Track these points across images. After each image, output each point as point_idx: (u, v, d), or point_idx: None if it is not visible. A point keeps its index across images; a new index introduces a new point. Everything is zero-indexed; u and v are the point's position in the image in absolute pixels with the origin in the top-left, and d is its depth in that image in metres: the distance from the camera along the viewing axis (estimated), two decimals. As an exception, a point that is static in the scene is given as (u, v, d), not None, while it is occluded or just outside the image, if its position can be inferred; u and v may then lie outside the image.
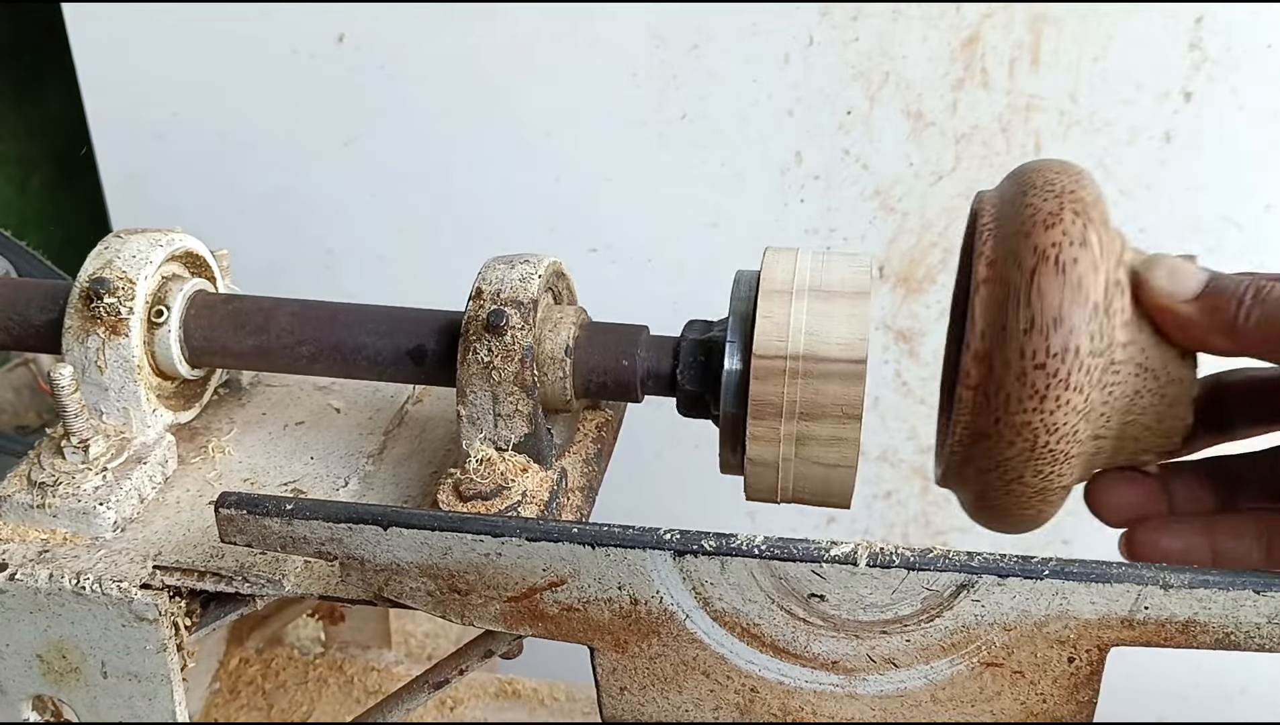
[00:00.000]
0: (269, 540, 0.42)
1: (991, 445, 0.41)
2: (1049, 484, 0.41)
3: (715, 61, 0.91)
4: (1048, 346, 0.39)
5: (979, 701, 0.41)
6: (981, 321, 0.40)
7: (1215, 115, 0.87)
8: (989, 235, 0.42)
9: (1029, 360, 0.39)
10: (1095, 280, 0.39)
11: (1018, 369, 0.39)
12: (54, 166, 1.21)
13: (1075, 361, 0.39)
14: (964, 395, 0.41)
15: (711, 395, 0.47)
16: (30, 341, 0.52)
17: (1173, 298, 0.41)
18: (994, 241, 0.41)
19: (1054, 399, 0.39)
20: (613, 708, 0.44)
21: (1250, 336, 0.40)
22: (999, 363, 0.40)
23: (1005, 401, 0.40)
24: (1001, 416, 0.40)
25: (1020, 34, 0.87)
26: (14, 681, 0.47)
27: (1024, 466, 0.41)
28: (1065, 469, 0.41)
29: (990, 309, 0.40)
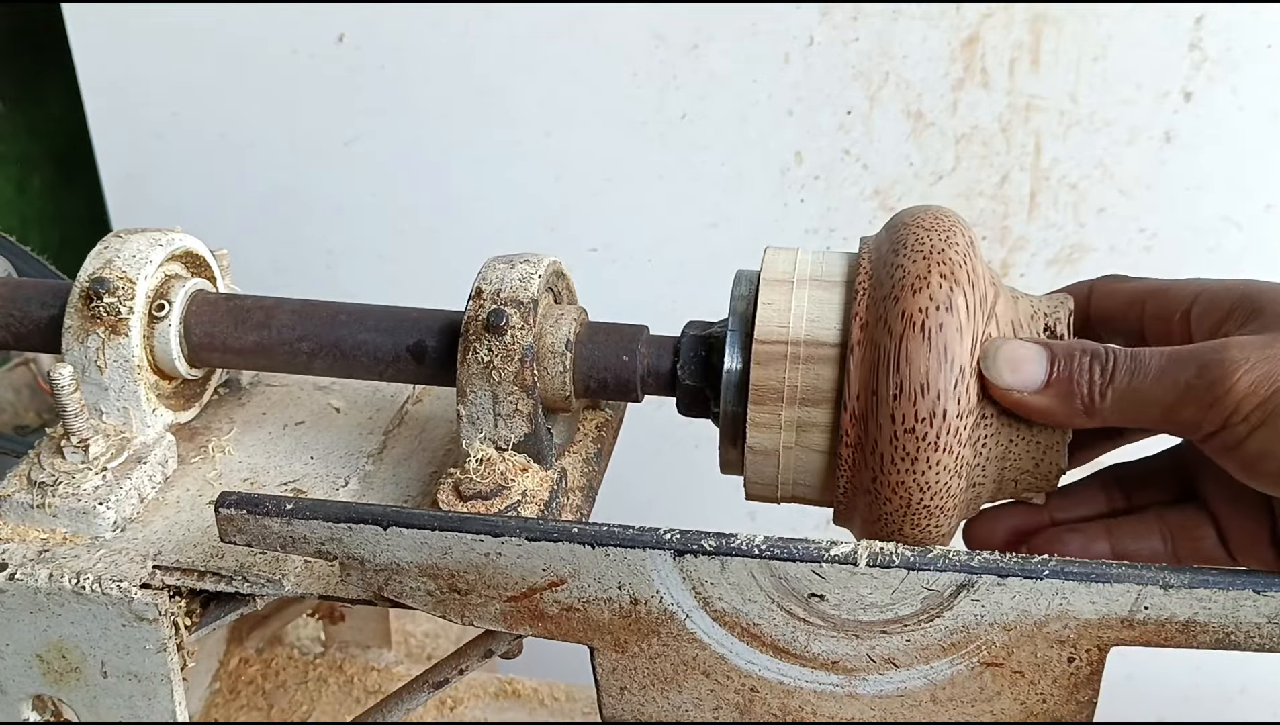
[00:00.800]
0: (269, 540, 0.42)
1: (871, 501, 0.42)
2: (927, 536, 0.43)
3: (715, 61, 0.91)
4: (916, 412, 0.40)
5: (979, 701, 0.41)
6: (856, 384, 0.42)
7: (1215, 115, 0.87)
8: (863, 295, 0.43)
9: (899, 424, 0.41)
10: (961, 345, 0.41)
11: (889, 433, 0.41)
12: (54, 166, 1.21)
13: (943, 424, 0.40)
14: (844, 453, 0.43)
15: (711, 394, 0.47)
16: (30, 341, 0.52)
17: (1022, 392, 0.41)
18: (867, 303, 0.43)
19: (925, 460, 0.41)
20: (613, 708, 0.44)
21: (1109, 414, 0.41)
22: (873, 425, 0.41)
23: (880, 461, 0.41)
24: (878, 475, 0.41)
25: (1020, 34, 0.87)
26: (14, 681, 0.47)
27: (902, 521, 0.42)
28: (942, 521, 0.42)
29: (863, 372, 0.42)
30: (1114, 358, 0.40)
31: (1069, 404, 0.41)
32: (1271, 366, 0.37)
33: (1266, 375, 0.37)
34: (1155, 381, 0.39)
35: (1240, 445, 0.38)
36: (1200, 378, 0.38)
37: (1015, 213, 0.93)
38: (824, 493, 0.45)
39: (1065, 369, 0.41)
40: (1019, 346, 0.41)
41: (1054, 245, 0.94)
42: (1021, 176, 0.92)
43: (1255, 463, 0.38)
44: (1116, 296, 0.46)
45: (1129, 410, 0.40)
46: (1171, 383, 0.39)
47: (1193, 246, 0.92)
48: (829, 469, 0.44)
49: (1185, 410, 0.39)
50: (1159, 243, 0.92)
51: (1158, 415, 0.40)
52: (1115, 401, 0.40)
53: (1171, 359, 0.40)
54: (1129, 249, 0.93)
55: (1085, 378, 0.41)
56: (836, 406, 0.43)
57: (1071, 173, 0.91)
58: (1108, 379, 0.40)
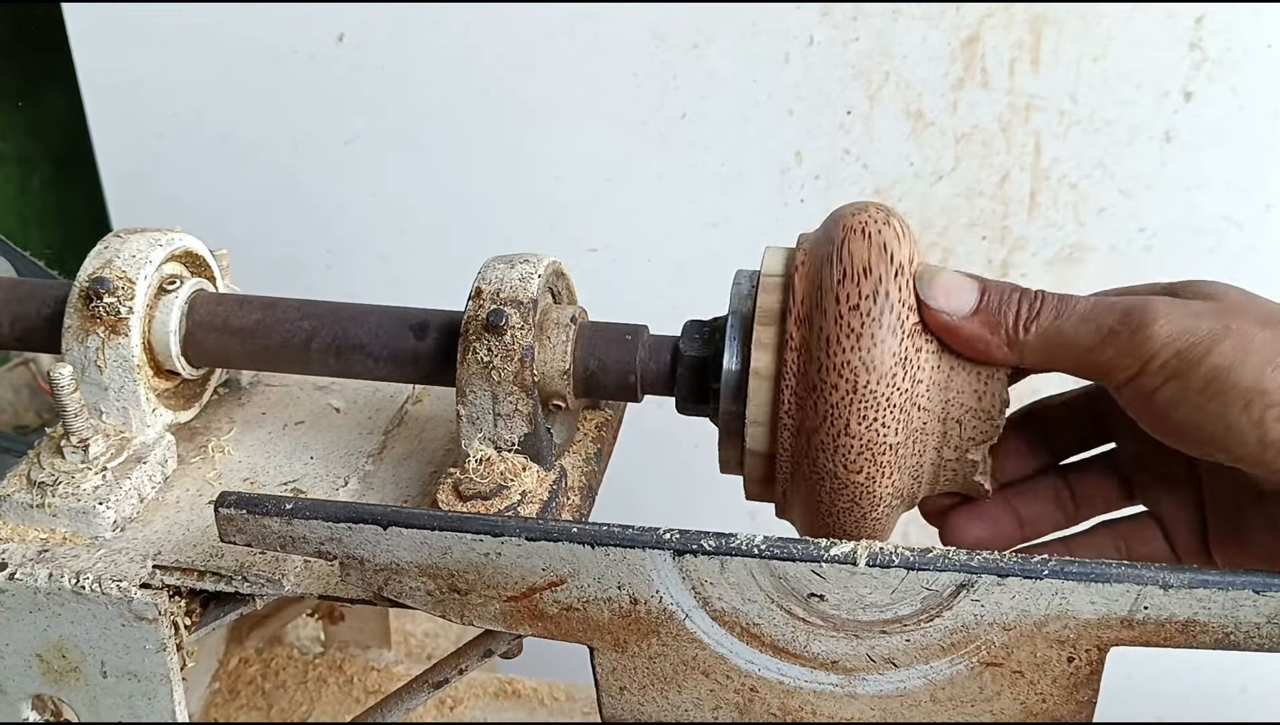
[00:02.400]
0: (269, 540, 0.42)
1: (817, 397, 0.42)
2: (874, 436, 0.42)
3: (715, 61, 0.91)
4: (860, 290, 0.42)
5: (978, 701, 0.41)
6: (800, 290, 0.43)
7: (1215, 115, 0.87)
8: (804, 241, 0.46)
9: (844, 304, 0.42)
10: (900, 248, 0.43)
11: (834, 313, 0.42)
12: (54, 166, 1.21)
13: (886, 304, 0.42)
14: (789, 358, 0.43)
15: (711, 394, 0.47)
16: (30, 341, 0.52)
17: (951, 315, 0.43)
18: (809, 241, 0.45)
19: (870, 337, 0.42)
20: (612, 707, 0.44)
21: (1030, 348, 0.42)
22: (817, 315, 0.42)
23: (825, 345, 0.42)
24: (824, 362, 0.42)
25: (1020, 34, 0.87)
26: (14, 681, 0.47)
27: (848, 412, 0.42)
28: (889, 420, 0.42)
29: (806, 281, 0.43)
30: (1042, 297, 0.42)
31: (994, 333, 0.42)
32: (1191, 322, 0.39)
33: (1185, 330, 0.39)
34: (1079, 322, 0.41)
35: (1151, 395, 0.40)
36: (1123, 323, 0.40)
37: (1015, 213, 0.93)
38: None
39: (994, 300, 0.43)
40: (953, 274, 0.43)
41: (1054, 245, 0.94)
42: (1021, 176, 0.92)
43: (1163, 414, 0.40)
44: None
45: (1051, 349, 0.42)
46: (1095, 326, 0.41)
47: (1193, 246, 0.92)
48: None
49: (1104, 353, 0.41)
50: (1159, 243, 0.92)
51: (1078, 356, 0.41)
52: (1039, 337, 0.42)
53: (1097, 305, 0.41)
54: (1129, 249, 0.93)
55: (1012, 311, 0.42)
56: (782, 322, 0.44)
57: (1071, 173, 0.91)
58: (1033, 315, 0.42)
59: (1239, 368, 0.38)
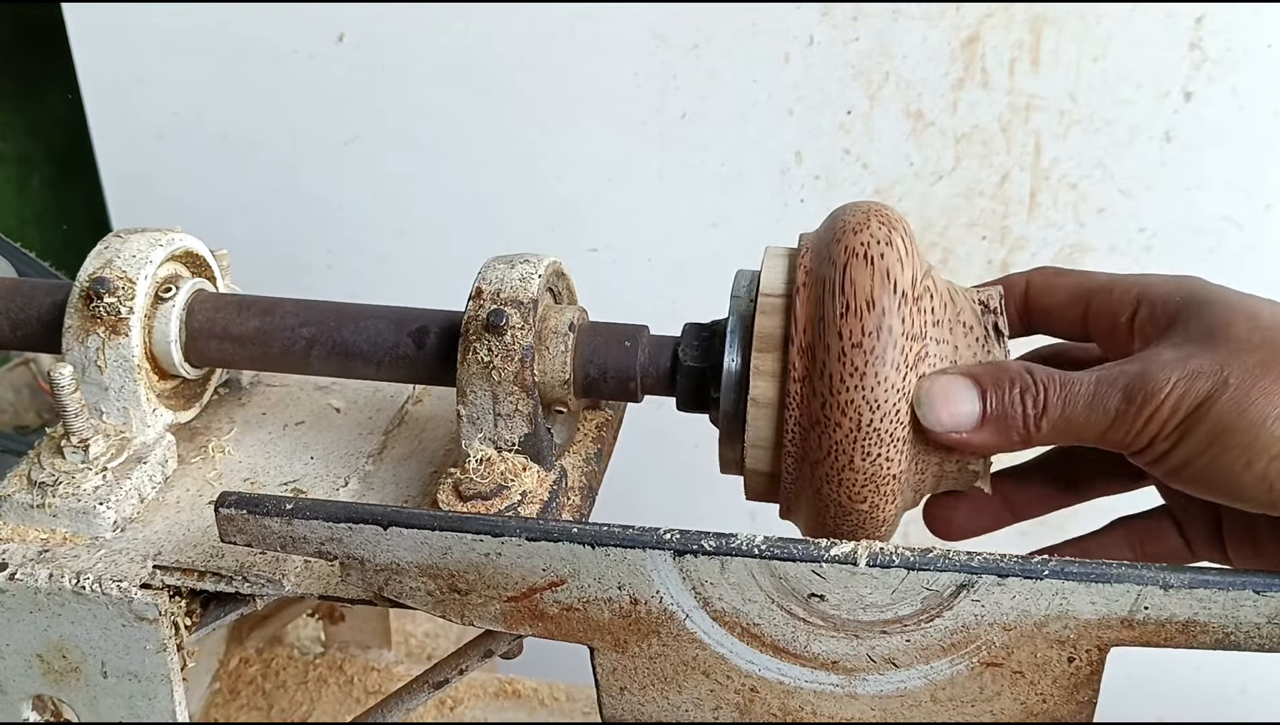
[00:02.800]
0: (269, 540, 0.42)
1: (821, 432, 0.42)
2: (878, 470, 0.42)
3: (715, 61, 0.91)
4: (863, 326, 0.41)
5: (979, 701, 0.41)
6: (802, 317, 0.43)
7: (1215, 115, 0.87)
8: (807, 251, 0.45)
9: (847, 340, 0.41)
10: (903, 273, 0.42)
11: (837, 350, 0.41)
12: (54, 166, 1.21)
13: (890, 339, 0.41)
14: (792, 389, 0.43)
15: (712, 393, 0.47)
16: (30, 341, 0.52)
17: (959, 432, 0.42)
18: (810, 254, 0.44)
19: (873, 376, 0.41)
20: (613, 708, 0.44)
21: (1045, 441, 0.42)
22: (820, 349, 0.42)
23: (829, 383, 0.42)
24: (827, 398, 0.42)
25: (1020, 34, 0.87)
26: (14, 681, 0.47)
27: (853, 449, 0.42)
28: (893, 453, 0.42)
29: (809, 306, 0.43)
30: (1044, 390, 0.42)
31: (1007, 437, 0.42)
32: (1190, 383, 0.39)
33: (1185, 393, 0.39)
34: (1086, 409, 0.41)
35: (1164, 458, 0.40)
36: (1127, 404, 0.40)
37: (1015, 213, 0.93)
38: None
39: (997, 406, 0.42)
40: (948, 383, 0.42)
41: (1054, 245, 0.94)
42: (1021, 176, 0.92)
43: (1178, 472, 0.40)
44: (1056, 292, 0.48)
45: (1064, 437, 0.42)
46: (1102, 410, 0.41)
47: (1193, 246, 0.92)
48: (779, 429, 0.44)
49: (1115, 433, 0.41)
50: (1159, 243, 0.92)
51: (1091, 439, 0.42)
52: (1050, 431, 0.42)
53: (1100, 384, 0.41)
54: (1129, 249, 0.93)
55: (1019, 412, 0.42)
56: (784, 350, 0.44)
57: (1071, 173, 0.91)
58: (1040, 411, 0.41)
59: (1238, 425, 0.38)
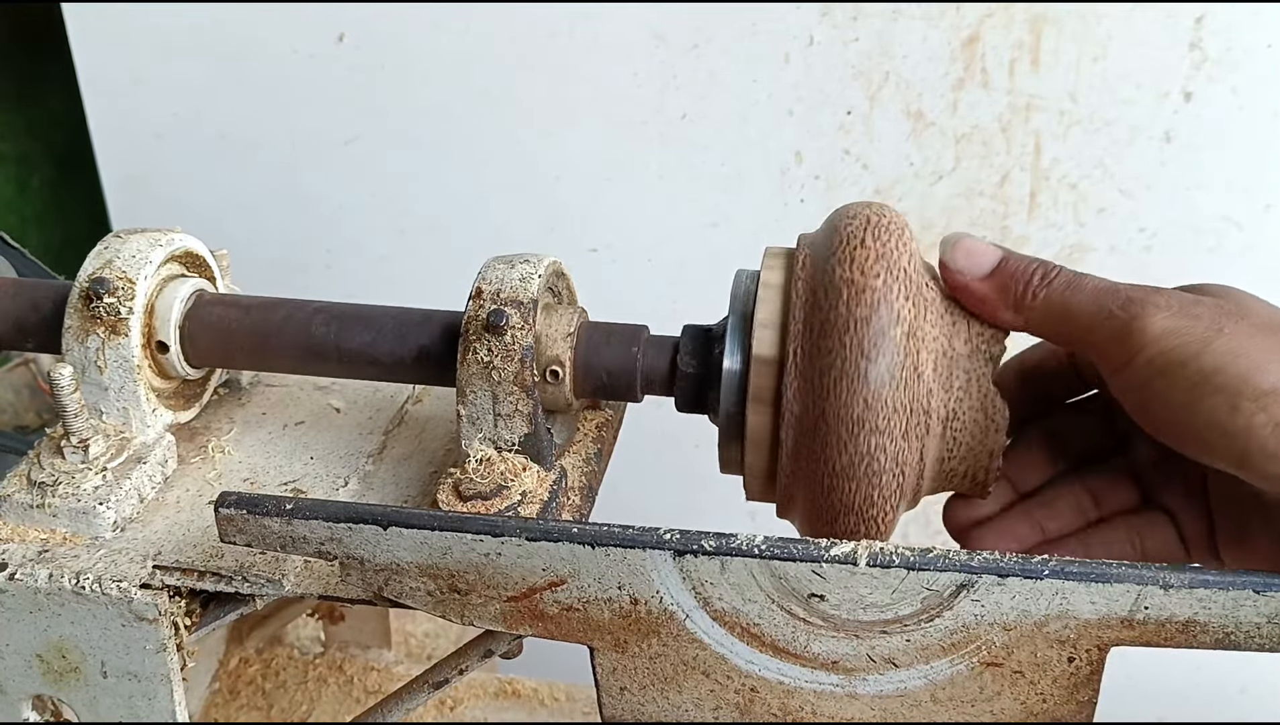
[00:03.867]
0: (269, 540, 0.42)
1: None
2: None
3: (715, 61, 0.91)
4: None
5: (979, 701, 0.41)
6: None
7: (1215, 115, 0.87)
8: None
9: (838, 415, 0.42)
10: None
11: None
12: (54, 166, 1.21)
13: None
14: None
15: (712, 394, 0.47)
16: (30, 341, 0.52)
17: (969, 275, 0.44)
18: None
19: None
20: (613, 708, 0.44)
21: (1034, 314, 0.43)
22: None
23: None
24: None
25: (1020, 34, 0.87)
26: (14, 681, 0.47)
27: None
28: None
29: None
30: (1059, 269, 0.43)
31: (1004, 296, 0.44)
32: (1187, 322, 0.40)
33: (1179, 328, 0.40)
34: (1085, 299, 0.42)
35: (1139, 388, 0.41)
36: (1123, 310, 0.41)
37: (1015, 213, 0.93)
38: None
39: (1012, 265, 0.44)
40: (979, 241, 0.45)
41: (1054, 245, 0.94)
42: (1021, 176, 0.92)
43: (1148, 407, 0.41)
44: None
45: (1054, 318, 0.43)
46: (1097, 306, 0.42)
47: (1193, 246, 0.92)
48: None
49: (1099, 334, 0.42)
50: (1159, 243, 0.92)
51: (1075, 333, 0.43)
52: (1044, 303, 0.43)
53: (1104, 287, 0.42)
54: (1129, 249, 0.93)
55: (1025, 276, 0.43)
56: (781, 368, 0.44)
57: (1071, 173, 0.91)
58: (1045, 283, 0.43)
59: (1227, 369, 0.38)
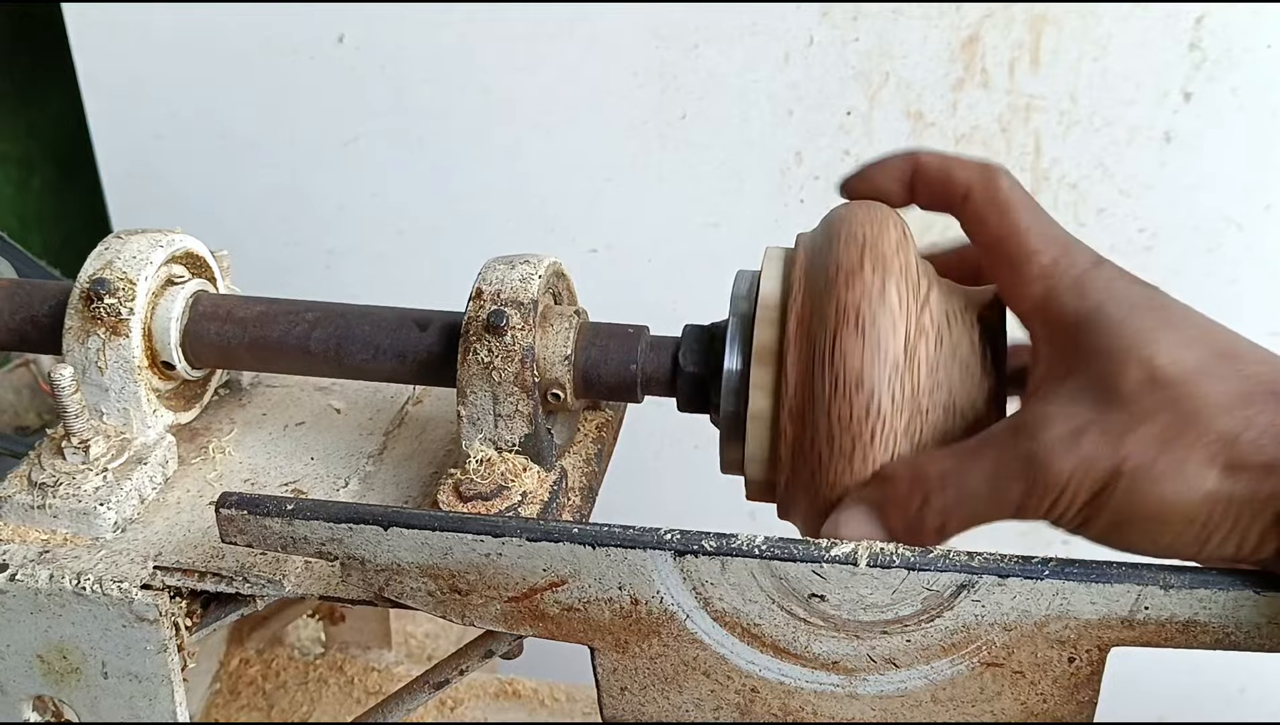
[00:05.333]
0: (269, 540, 0.42)
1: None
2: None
3: (715, 61, 0.91)
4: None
5: (979, 701, 0.41)
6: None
7: (1215, 115, 0.87)
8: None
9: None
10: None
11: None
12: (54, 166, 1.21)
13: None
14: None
15: (712, 394, 0.47)
16: (31, 342, 0.52)
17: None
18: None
19: (860, 457, 0.41)
20: (613, 708, 0.44)
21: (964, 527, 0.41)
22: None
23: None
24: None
25: (1020, 34, 0.87)
26: (14, 682, 0.47)
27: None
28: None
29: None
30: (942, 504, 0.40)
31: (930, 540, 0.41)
32: (1086, 472, 0.37)
33: (1083, 482, 0.38)
34: (988, 505, 0.40)
35: (1076, 532, 0.40)
36: (1026, 497, 0.39)
37: (1015, 213, 0.93)
38: None
39: (904, 529, 0.41)
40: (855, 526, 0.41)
41: (1054, 245, 0.94)
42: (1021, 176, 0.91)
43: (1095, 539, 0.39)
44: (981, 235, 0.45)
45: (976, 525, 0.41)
46: (1005, 502, 0.39)
47: (1193, 246, 0.92)
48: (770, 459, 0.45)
49: (1023, 518, 0.40)
50: (1159, 243, 0.92)
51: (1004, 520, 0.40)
52: (960, 529, 0.41)
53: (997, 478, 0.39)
54: (1129, 249, 0.93)
55: (923, 527, 0.41)
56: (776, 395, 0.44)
57: (1071, 173, 0.91)
58: (943, 521, 0.41)
59: (1137, 513, 0.37)
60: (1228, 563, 0.38)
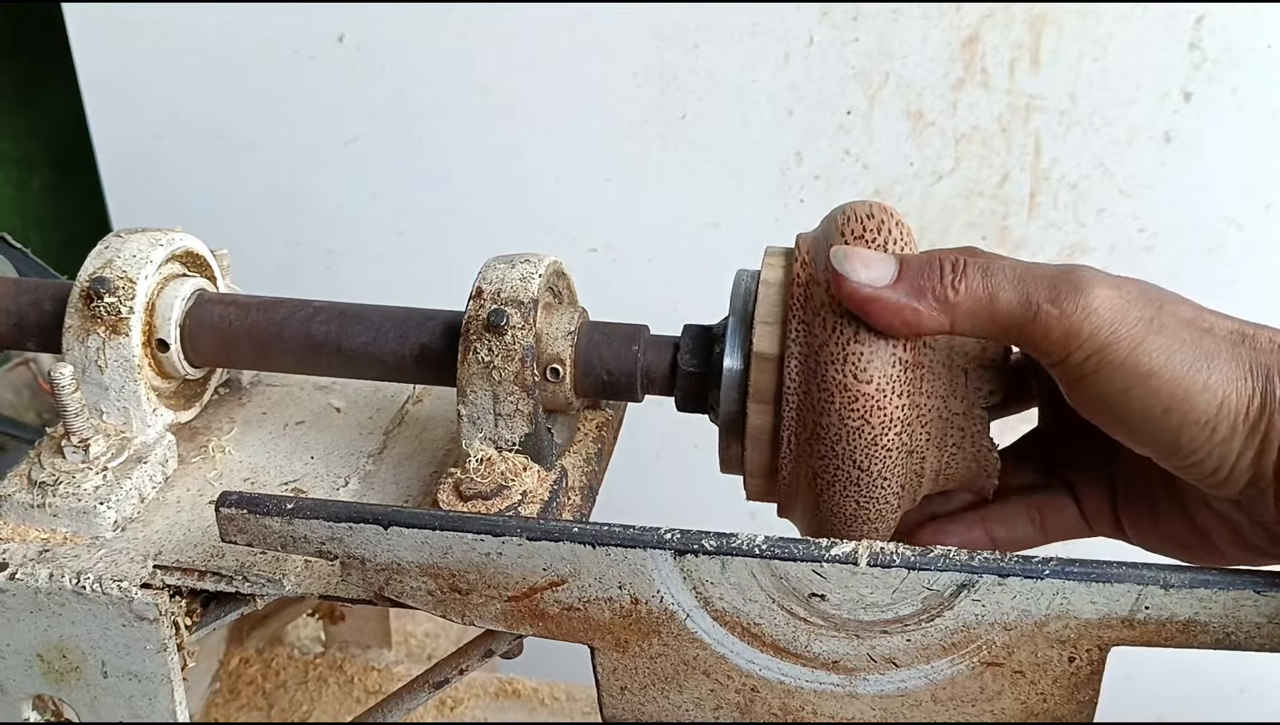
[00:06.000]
0: (269, 539, 0.42)
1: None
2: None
3: (715, 61, 0.91)
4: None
5: (979, 701, 0.41)
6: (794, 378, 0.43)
7: (1215, 115, 0.87)
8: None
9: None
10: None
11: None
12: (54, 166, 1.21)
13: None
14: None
15: (712, 394, 0.47)
16: (31, 341, 0.52)
17: (873, 286, 0.41)
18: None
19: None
20: (613, 707, 0.44)
21: (961, 311, 0.40)
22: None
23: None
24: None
25: (1020, 34, 0.87)
26: (14, 681, 0.47)
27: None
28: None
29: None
30: (965, 260, 0.40)
31: (921, 298, 0.40)
32: (1119, 313, 0.38)
33: (1109, 321, 0.38)
34: (1009, 291, 0.40)
35: (1077, 383, 0.39)
36: (1051, 302, 0.39)
37: (1015, 213, 0.93)
38: None
39: (915, 266, 0.41)
40: (868, 251, 0.42)
41: (1054, 245, 0.94)
42: (1021, 176, 0.92)
43: (1086, 402, 0.40)
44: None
45: (981, 313, 0.40)
46: (1023, 298, 0.39)
47: (1193, 246, 0.92)
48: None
49: (1032, 329, 0.39)
50: (1159, 243, 0.92)
51: (1007, 327, 0.40)
52: (968, 298, 0.40)
53: (1026, 274, 0.40)
54: (1129, 249, 0.93)
55: (936, 274, 0.40)
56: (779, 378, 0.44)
57: (1071, 173, 0.91)
58: (959, 274, 0.40)
59: (1162, 372, 0.38)
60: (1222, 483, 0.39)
